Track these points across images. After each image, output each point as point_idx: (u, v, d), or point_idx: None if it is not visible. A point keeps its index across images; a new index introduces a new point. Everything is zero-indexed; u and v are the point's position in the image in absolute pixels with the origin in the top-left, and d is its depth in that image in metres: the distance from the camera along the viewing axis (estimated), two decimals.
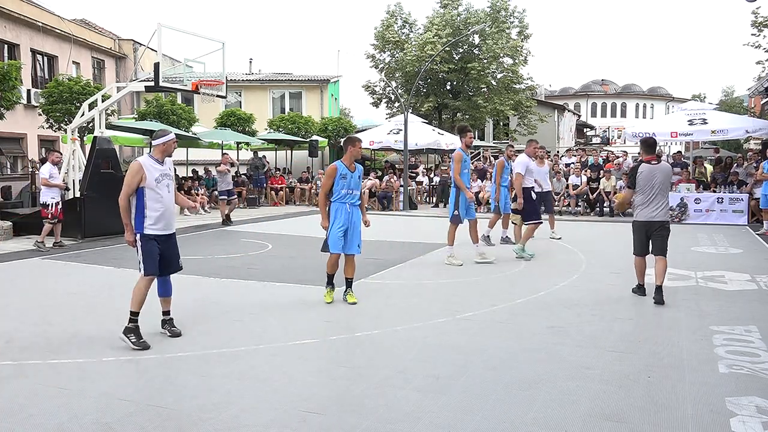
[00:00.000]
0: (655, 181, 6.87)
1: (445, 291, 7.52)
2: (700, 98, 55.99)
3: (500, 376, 4.50)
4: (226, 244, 11.72)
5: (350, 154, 6.81)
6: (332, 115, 28.07)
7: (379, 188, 19.99)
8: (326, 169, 6.73)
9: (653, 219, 6.89)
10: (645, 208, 6.93)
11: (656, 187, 6.87)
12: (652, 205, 6.89)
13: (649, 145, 7.22)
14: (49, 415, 3.79)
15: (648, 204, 6.91)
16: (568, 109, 50.42)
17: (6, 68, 13.65)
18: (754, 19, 21.19)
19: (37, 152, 20.93)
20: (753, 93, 34.50)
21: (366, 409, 3.90)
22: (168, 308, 5.60)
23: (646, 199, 6.92)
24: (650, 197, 6.89)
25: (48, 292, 7.46)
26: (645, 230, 6.97)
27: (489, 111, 31.07)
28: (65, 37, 22.26)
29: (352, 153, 6.81)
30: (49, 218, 10.93)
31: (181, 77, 14.87)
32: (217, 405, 3.95)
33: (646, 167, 6.95)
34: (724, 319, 6.05)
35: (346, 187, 6.76)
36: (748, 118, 22.63)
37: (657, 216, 6.89)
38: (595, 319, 6.13)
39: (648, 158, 7.05)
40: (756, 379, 4.38)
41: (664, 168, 7.03)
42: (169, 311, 5.60)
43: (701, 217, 15.27)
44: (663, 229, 6.94)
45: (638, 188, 6.95)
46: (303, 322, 6.06)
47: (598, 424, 3.67)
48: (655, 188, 6.87)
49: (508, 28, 31.26)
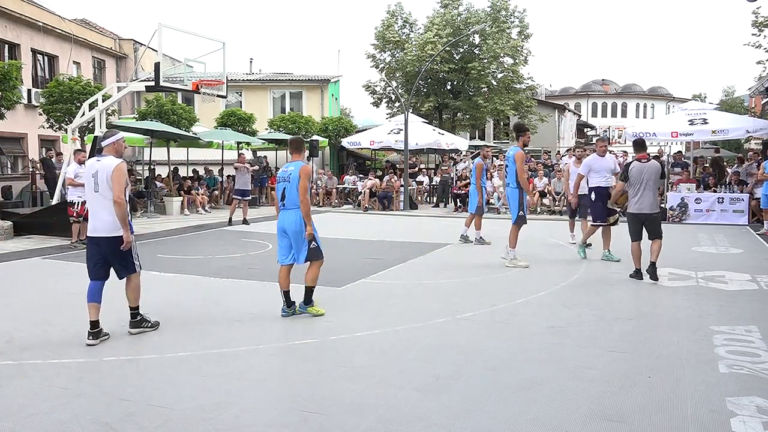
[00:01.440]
0: (644, 177, 7.78)
1: (445, 291, 7.51)
2: (700, 98, 56.00)
3: (500, 376, 4.50)
4: (226, 244, 11.72)
5: (305, 155, 6.35)
6: (332, 115, 28.06)
7: (380, 188, 19.99)
8: (304, 168, 5.98)
9: (642, 211, 7.84)
10: (635, 200, 7.86)
11: (644, 182, 7.77)
12: (641, 198, 7.81)
13: (639, 144, 8.26)
14: (49, 414, 3.79)
15: (637, 197, 7.84)
16: (569, 109, 50.39)
17: (6, 68, 13.65)
18: (755, 19, 21.18)
19: (37, 152, 20.92)
20: (753, 93, 34.50)
21: (366, 409, 3.90)
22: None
23: (635, 193, 7.86)
24: (639, 191, 7.82)
25: (48, 292, 7.46)
26: (637, 219, 7.90)
27: (489, 111, 31.06)
28: (66, 36, 22.26)
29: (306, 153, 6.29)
30: (74, 216, 10.96)
31: (182, 77, 14.87)
32: (217, 405, 3.95)
33: (636, 164, 7.90)
34: (724, 319, 6.04)
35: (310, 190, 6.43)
36: (749, 118, 22.62)
37: (644, 209, 7.82)
38: (595, 319, 6.13)
39: (639, 156, 8.01)
40: (756, 379, 4.38)
41: (652, 166, 7.86)
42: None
43: (701, 217, 15.26)
44: (652, 218, 7.88)
45: (630, 183, 7.90)
46: (303, 322, 6.06)
47: (598, 424, 3.67)
48: (644, 183, 7.78)
49: (508, 28, 31.24)
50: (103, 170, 5.40)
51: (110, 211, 5.35)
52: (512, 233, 9.05)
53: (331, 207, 20.76)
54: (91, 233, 5.45)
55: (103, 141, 5.71)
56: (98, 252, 5.40)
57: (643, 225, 7.88)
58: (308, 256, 6.07)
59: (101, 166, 5.44)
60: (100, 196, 5.41)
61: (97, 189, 5.41)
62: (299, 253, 6.08)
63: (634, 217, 7.91)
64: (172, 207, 17.73)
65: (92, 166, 5.52)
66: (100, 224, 5.39)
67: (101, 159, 5.53)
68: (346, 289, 7.66)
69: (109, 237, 5.36)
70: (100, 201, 5.42)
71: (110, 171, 5.36)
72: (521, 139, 9.06)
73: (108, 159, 5.49)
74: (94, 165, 5.50)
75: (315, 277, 6.18)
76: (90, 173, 5.48)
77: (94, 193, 5.44)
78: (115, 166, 5.38)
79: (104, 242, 5.38)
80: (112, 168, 5.37)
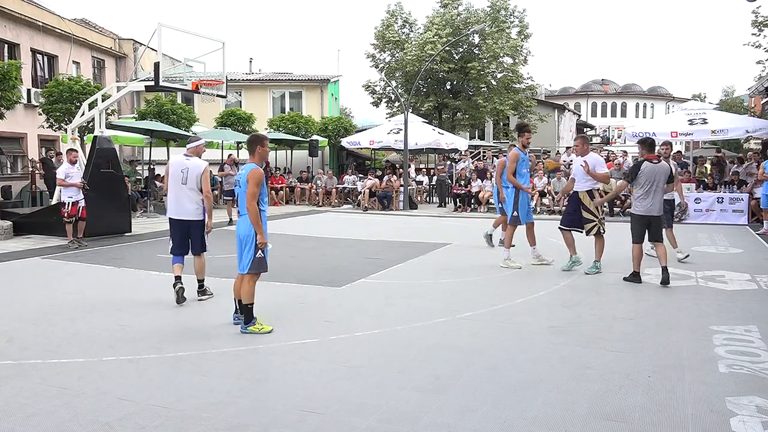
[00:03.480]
0: (656, 179, 7.59)
1: (445, 291, 7.51)
2: (700, 98, 56.02)
3: (500, 376, 4.50)
4: (226, 244, 11.69)
5: (260, 156, 5.67)
6: (332, 115, 28.06)
7: (379, 188, 19.99)
8: (253, 174, 5.42)
9: (650, 213, 7.66)
10: (643, 201, 7.65)
11: (655, 183, 7.59)
12: (650, 199, 7.61)
13: (649, 144, 7.98)
14: (49, 414, 3.79)
15: (646, 198, 7.63)
16: (568, 109, 50.38)
17: (6, 68, 13.65)
18: (755, 18, 21.20)
19: (37, 152, 20.90)
20: (753, 93, 34.51)
21: (366, 409, 3.90)
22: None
23: (644, 194, 7.64)
24: (649, 192, 7.61)
25: (48, 292, 7.46)
26: (643, 221, 7.71)
27: (489, 111, 31.06)
28: (65, 36, 22.24)
29: (261, 154, 5.65)
30: (66, 217, 11.00)
31: (182, 77, 14.88)
32: (217, 405, 3.95)
33: (648, 165, 7.65)
34: (724, 318, 6.05)
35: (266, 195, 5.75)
36: (749, 117, 22.65)
37: (653, 211, 7.65)
38: (595, 319, 6.13)
39: (650, 156, 7.76)
40: (756, 379, 4.39)
41: (664, 167, 7.72)
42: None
43: (701, 217, 15.27)
44: (658, 220, 7.76)
45: (638, 183, 7.67)
46: (303, 322, 6.06)
47: (598, 424, 3.67)
48: (655, 185, 7.59)
49: (508, 27, 31.24)
50: (193, 169, 6.61)
51: (192, 200, 6.62)
52: (507, 234, 9.05)
53: (330, 207, 20.76)
54: (175, 216, 6.67)
55: (189, 144, 6.94)
56: (181, 231, 6.71)
57: (646, 227, 7.73)
58: (251, 267, 5.52)
59: (191, 165, 6.63)
60: (187, 188, 6.60)
61: (185, 182, 6.60)
62: (241, 261, 5.60)
63: (639, 218, 7.72)
64: None
65: (181, 162, 6.67)
66: (184, 210, 6.64)
67: (190, 158, 6.71)
68: (346, 289, 7.66)
69: (192, 221, 6.67)
70: (186, 192, 6.61)
71: (200, 170, 6.61)
72: (521, 139, 9.03)
73: (196, 159, 6.72)
74: (184, 162, 6.66)
75: (250, 293, 5.57)
76: (179, 168, 6.63)
77: (181, 185, 6.61)
78: (205, 167, 6.63)
79: (188, 224, 6.68)
80: (202, 168, 6.63)
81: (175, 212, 6.67)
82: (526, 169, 9.01)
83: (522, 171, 8.92)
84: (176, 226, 6.72)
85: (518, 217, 8.98)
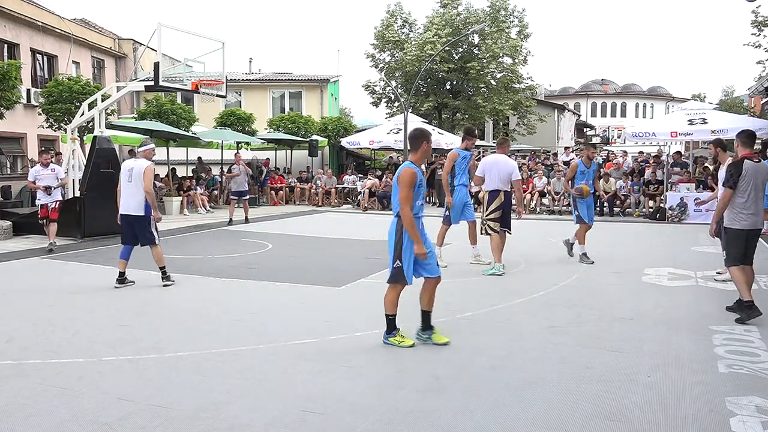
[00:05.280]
0: (757, 182, 5.99)
1: (445, 291, 7.48)
2: (700, 98, 56.04)
3: (500, 376, 4.50)
4: (226, 244, 11.71)
5: (423, 153, 5.44)
6: (332, 115, 28.05)
7: (379, 188, 19.99)
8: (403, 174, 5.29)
9: (756, 227, 6.01)
10: (748, 213, 5.97)
11: (757, 188, 5.98)
12: (754, 208, 5.97)
13: (750, 137, 6.36)
14: (49, 414, 3.79)
15: (750, 207, 5.97)
16: (568, 109, 50.41)
17: (6, 68, 13.64)
18: (754, 18, 21.19)
19: (36, 152, 20.90)
20: (753, 93, 34.50)
21: (366, 409, 3.90)
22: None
23: (748, 202, 5.96)
24: (752, 200, 5.96)
25: (48, 292, 7.45)
26: (745, 238, 6.01)
27: (489, 111, 31.06)
28: (65, 36, 22.23)
29: (426, 151, 5.44)
30: (40, 218, 11.01)
31: (181, 77, 14.86)
32: (217, 404, 3.95)
33: (750, 165, 5.99)
34: (724, 319, 6.04)
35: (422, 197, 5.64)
36: (749, 117, 22.64)
37: (758, 223, 6.02)
38: (595, 319, 6.13)
39: (748, 154, 6.15)
40: (756, 379, 4.39)
41: (764, 167, 6.12)
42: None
43: (701, 217, 15.25)
44: (758, 236, 6.15)
45: (739, 189, 5.97)
46: (303, 322, 6.06)
47: (598, 424, 3.67)
48: (755, 190, 5.98)
49: (507, 27, 31.25)
50: (137, 169, 7.50)
51: (134, 197, 7.45)
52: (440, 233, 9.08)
53: (330, 207, 20.76)
54: (121, 211, 7.57)
55: (138, 148, 7.90)
56: (127, 224, 7.58)
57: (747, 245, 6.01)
58: (389, 277, 5.47)
59: (136, 165, 7.55)
60: (131, 186, 7.48)
61: (130, 180, 7.49)
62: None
63: (742, 234, 5.98)
64: (171, 206, 17.72)
65: (130, 164, 7.66)
66: (127, 205, 7.50)
67: (137, 160, 7.64)
68: (346, 289, 7.66)
69: (133, 215, 7.50)
70: (130, 189, 7.49)
71: (141, 169, 7.47)
72: (464, 142, 9.07)
73: (142, 161, 7.60)
74: (131, 164, 7.65)
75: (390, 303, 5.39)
76: (126, 169, 7.60)
77: (127, 183, 7.51)
78: (147, 166, 7.49)
79: (130, 219, 7.53)
80: (143, 168, 7.49)
81: (122, 208, 7.58)
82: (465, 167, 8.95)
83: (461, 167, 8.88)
84: (122, 220, 7.61)
85: (448, 216, 9.05)
